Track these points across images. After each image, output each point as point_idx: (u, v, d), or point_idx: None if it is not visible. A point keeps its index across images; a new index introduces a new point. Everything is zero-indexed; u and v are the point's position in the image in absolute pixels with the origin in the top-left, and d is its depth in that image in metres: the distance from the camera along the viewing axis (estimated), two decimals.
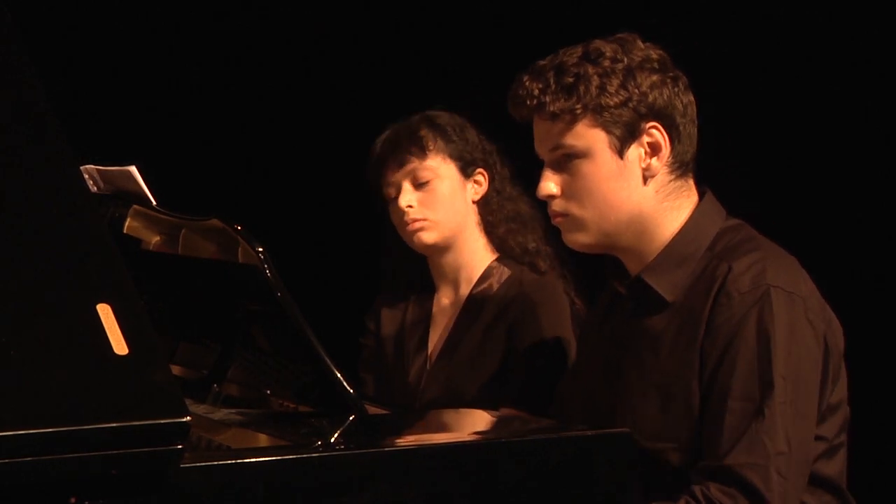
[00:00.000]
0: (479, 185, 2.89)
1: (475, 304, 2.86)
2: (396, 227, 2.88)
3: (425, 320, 2.95)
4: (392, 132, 2.88)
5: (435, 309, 2.94)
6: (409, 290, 3.00)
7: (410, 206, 2.82)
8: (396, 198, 2.84)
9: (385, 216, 2.91)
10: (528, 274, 2.85)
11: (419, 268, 2.96)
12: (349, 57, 4.04)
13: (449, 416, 2.37)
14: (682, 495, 2.08)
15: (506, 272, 2.86)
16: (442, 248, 2.88)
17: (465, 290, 2.89)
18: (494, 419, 2.24)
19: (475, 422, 2.26)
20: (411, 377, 2.91)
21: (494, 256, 2.90)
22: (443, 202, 2.83)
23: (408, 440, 1.90)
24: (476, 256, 2.89)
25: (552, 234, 2.76)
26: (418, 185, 2.83)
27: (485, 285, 2.87)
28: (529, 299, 2.80)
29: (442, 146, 2.84)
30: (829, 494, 2.21)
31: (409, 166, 2.83)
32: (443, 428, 2.26)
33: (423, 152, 2.83)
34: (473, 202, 2.89)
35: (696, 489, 2.08)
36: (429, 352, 2.91)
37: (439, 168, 2.84)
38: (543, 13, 3.54)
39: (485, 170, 2.88)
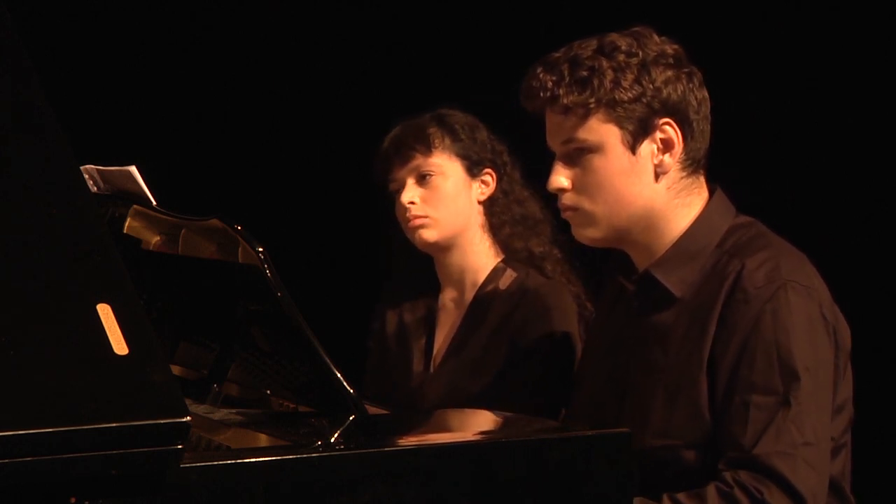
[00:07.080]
0: (485, 185, 2.87)
1: (480, 307, 2.84)
2: (400, 223, 2.86)
3: (430, 321, 2.93)
4: (401, 128, 2.87)
5: (439, 310, 2.93)
6: (413, 290, 2.97)
7: (413, 203, 2.81)
8: (401, 194, 2.83)
9: (391, 213, 2.90)
10: (535, 277, 2.82)
11: (424, 267, 2.94)
12: (351, 56, 4.04)
13: (449, 416, 2.36)
14: (711, 482, 2.06)
15: (511, 275, 2.84)
16: (444, 247, 2.86)
17: (470, 292, 2.87)
18: (494, 419, 2.24)
19: (475, 422, 2.26)
20: (414, 378, 2.89)
21: (500, 258, 2.87)
22: (445, 200, 2.81)
23: (408, 440, 1.90)
24: (481, 258, 2.87)
25: (561, 236, 2.76)
26: (421, 180, 2.81)
27: (490, 287, 2.84)
28: (535, 303, 2.78)
29: (449, 144, 2.82)
30: (830, 495, 2.19)
31: (414, 162, 2.82)
32: (443, 428, 2.26)
33: (428, 149, 2.81)
34: (479, 202, 2.86)
35: (727, 475, 2.06)
36: (433, 354, 2.90)
37: (444, 165, 2.82)
38: (553, 9, 3.54)
39: (493, 170, 2.86)
